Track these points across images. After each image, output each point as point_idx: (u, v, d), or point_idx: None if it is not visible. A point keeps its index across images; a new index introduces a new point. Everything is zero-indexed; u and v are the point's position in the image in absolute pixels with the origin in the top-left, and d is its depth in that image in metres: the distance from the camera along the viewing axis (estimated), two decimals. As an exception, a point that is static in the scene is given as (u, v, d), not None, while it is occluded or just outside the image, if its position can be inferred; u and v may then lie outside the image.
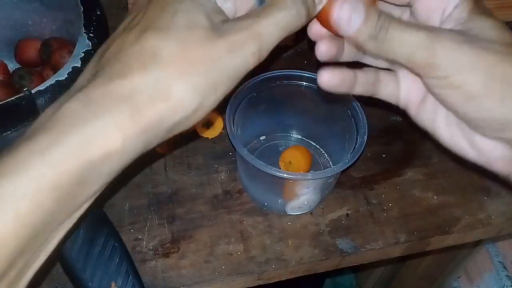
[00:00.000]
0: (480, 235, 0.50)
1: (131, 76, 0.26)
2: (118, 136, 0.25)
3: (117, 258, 0.39)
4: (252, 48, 0.28)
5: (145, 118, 0.26)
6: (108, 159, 0.25)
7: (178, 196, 0.48)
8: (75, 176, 0.25)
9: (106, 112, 0.25)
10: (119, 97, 0.26)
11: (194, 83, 0.27)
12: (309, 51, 0.62)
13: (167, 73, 0.27)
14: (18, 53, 0.55)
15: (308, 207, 0.47)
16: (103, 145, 0.25)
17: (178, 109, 0.27)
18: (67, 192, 0.25)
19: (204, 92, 0.28)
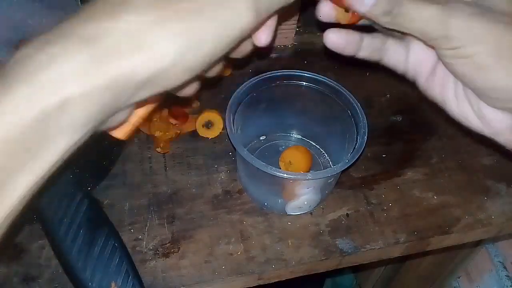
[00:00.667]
0: (480, 235, 0.50)
1: (99, 19, 0.23)
2: (77, 84, 0.23)
3: (117, 258, 0.39)
4: (247, 2, 0.26)
5: (111, 65, 0.23)
6: (66, 109, 0.23)
7: (178, 196, 0.48)
8: (28, 128, 0.22)
9: (64, 55, 0.23)
10: (81, 40, 0.23)
11: (174, 30, 0.24)
12: (309, 50, 0.63)
13: (142, 18, 0.24)
14: (18, 53, 0.55)
15: (308, 207, 0.47)
16: (59, 93, 0.22)
17: (152, 60, 0.24)
18: (21, 145, 0.22)
19: (185, 42, 0.24)
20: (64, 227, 0.39)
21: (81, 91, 0.23)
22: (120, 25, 0.23)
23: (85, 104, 0.23)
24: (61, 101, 0.22)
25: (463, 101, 0.34)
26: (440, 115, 0.57)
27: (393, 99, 0.59)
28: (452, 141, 0.55)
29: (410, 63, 0.36)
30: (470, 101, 0.34)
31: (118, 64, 0.23)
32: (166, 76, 0.25)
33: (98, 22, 0.23)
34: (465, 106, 0.34)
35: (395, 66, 0.37)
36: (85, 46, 0.23)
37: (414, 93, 0.59)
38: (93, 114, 0.24)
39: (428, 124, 0.57)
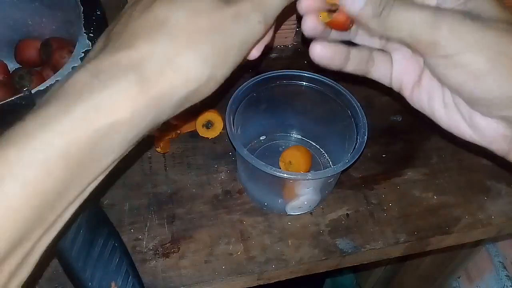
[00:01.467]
0: (480, 235, 0.50)
1: (139, 46, 0.26)
2: (126, 105, 0.25)
3: (117, 258, 0.39)
4: (258, 17, 0.29)
5: (155, 88, 0.26)
6: (117, 128, 0.25)
7: (178, 196, 0.48)
8: (84, 145, 0.24)
9: (114, 81, 0.25)
10: (127, 66, 0.26)
11: (204, 52, 0.27)
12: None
13: (175, 42, 0.26)
14: (18, 53, 0.55)
15: (308, 207, 0.47)
16: (111, 114, 0.25)
17: (189, 80, 0.27)
18: (78, 161, 0.25)
19: (215, 61, 0.27)
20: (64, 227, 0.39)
21: (130, 112, 0.25)
22: (158, 49, 0.26)
23: (133, 123, 0.26)
24: (112, 122, 0.25)
25: (453, 111, 0.33)
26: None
27: (393, 99, 0.59)
28: (452, 141, 0.55)
29: (395, 75, 0.36)
30: (460, 111, 0.33)
31: (159, 86, 0.26)
32: (201, 92, 0.28)
33: (139, 48, 0.26)
34: (455, 115, 0.34)
35: (380, 79, 0.37)
36: (131, 71, 0.25)
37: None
38: (139, 131, 0.27)
39: (428, 124, 0.56)
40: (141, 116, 0.26)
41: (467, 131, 0.34)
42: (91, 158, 0.25)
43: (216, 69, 0.28)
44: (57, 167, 0.24)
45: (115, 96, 0.25)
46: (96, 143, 0.25)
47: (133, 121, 0.26)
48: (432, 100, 0.34)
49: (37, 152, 0.24)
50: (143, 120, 0.26)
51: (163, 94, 0.26)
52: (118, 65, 0.26)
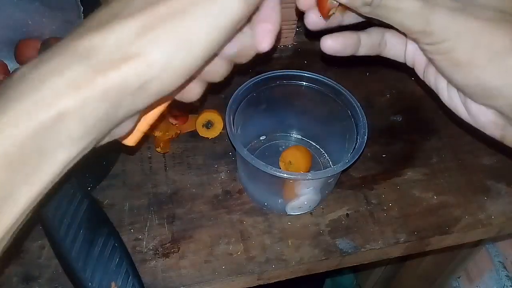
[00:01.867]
0: (480, 235, 0.50)
1: (89, 35, 0.24)
2: (71, 97, 0.23)
3: (117, 258, 0.39)
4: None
5: (104, 78, 0.24)
6: (62, 122, 0.23)
7: (178, 196, 0.48)
8: (27, 143, 0.23)
9: (57, 72, 0.23)
10: (73, 56, 0.24)
11: (158, 38, 0.24)
12: (309, 50, 0.62)
13: (128, 29, 0.24)
14: (18, 53, 0.55)
15: (308, 207, 0.47)
16: (54, 108, 0.23)
17: (141, 69, 0.24)
18: (20, 160, 0.23)
19: (172, 47, 0.24)
20: (64, 227, 0.39)
21: (75, 104, 0.23)
22: (108, 38, 0.24)
23: (80, 116, 0.24)
24: (56, 114, 0.23)
25: (453, 92, 0.35)
26: (440, 115, 0.57)
27: (393, 99, 0.59)
28: (452, 141, 0.55)
29: (408, 54, 0.36)
30: (459, 94, 0.34)
31: (109, 75, 0.24)
32: (159, 82, 0.25)
33: (89, 38, 0.24)
34: (454, 97, 0.35)
35: (395, 58, 0.37)
36: (77, 61, 0.24)
37: (414, 93, 0.59)
38: (90, 126, 0.24)
39: (428, 124, 0.57)
40: (91, 108, 0.24)
41: (464, 113, 0.35)
42: (37, 156, 0.24)
43: (174, 56, 0.25)
44: (1, 169, 0.23)
45: (58, 87, 0.23)
46: (40, 139, 0.23)
47: (79, 113, 0.24)
48: (438, 80, 0.35)
49: None
50: (95, 112, 0.24)
51: (113, 85, 0.24)
52: (62, 55, 0.24)
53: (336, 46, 0.34)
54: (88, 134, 0.25)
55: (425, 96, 0.59)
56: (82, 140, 0.25)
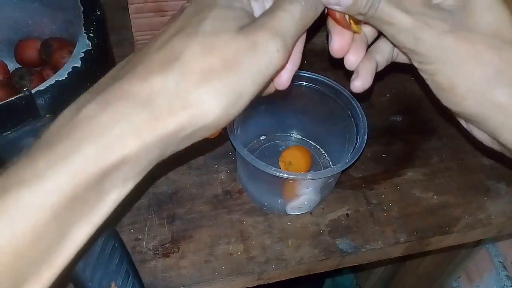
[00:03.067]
0: (480, 235, 0.50)
1: (151, 79, 0.25)
2: (135, 143, 0.25)
3: (117, 258, 0.39)
4: (276, 45, 0.27)
5: (163, 125, 0.25)
6: (123, 166, 0.25)
7: (178, 196, 0.48)
8: (91, 185, 0.24)
9: (124, 117, 0.25)
10: (137, 101, 0.25)
11: (216, 89, 0.26)
12: (309, 50, 0.62)
13: (187, 78, 0.25)
14: (18, 53, 0.55)
15: (308, 207, 0.47)
16: (119, 152, 0.24)
17: (199, 117, 0.26)
18: (83, 200, 0.24)
19: (227, 98, 0.26)
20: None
21: (136, 150, 0.25)
22: (169, 85, 0.25)
23: (138, 160, 0.25)
24: (120, 160, 0.24)
25: None
26: (440, 115, 0.57)
27: (393, 99, 0.59)
28: (452, 141, 0.55)
29: None
30: None
31: (168, 123, 0.25)
32: (209, 129, 0.27)
33: (151, 83, 0.25)
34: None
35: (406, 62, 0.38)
36: (141, 107, 0.25)
37: (414, 93, 0.59)
38: (143, 168, 0.26)
39: (428, 124, 0.57)
40: (148, 153, 0.25)
41: (464, 124, 0.36)
42: (96, 197, 0.25)
43: (229, 106, 0.26)
44: (63, 209, 0.24)
45: (124, 133, 0.24)
46: (102, 181, 0.24)
47: (138, 158, 0.25)
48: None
49: (48, 194, 0.23)
50: (148, 157, 0.26)
51: (171, 132, 0.25)
52: (127, 99, 0.25)
53: (366, 83, 0.35)
54: (139, 174, 0.27)
55: (425, 96, 0.59)
56: (134, 180, 0.27)
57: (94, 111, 0.25)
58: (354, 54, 0.35)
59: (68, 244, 0.25)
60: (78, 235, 0.25)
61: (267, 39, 0.27)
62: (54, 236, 0.24)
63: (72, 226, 0.25)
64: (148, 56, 0.27)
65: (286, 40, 0.28)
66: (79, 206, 0.24)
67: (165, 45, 0.27)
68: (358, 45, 0.35)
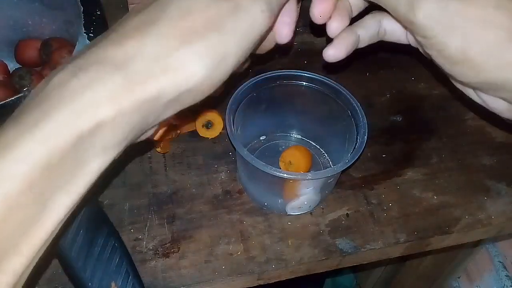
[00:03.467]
0: (480, 235, 0.50)
1: (125, 43, 0.25)
2: (110, 108, 0.24)
3: (117, 258, 0.39)
4: (260, 5, 0.26)
5: (141, 88, 0.24)
6: (100, 132, 0.24)
7: (178, 196, 0.48)
8: (66, 152, 0.23)
9: (97, 81, 0.24)
10: (111, 65, 0.24)
11: (197, 50, 0.25)
12: (309, 50, 0.62)
13: (166, 41, 0.25)
14: (18, 53, 0.55)
15: (308, 207, 0.47)
16: (93, 118, 0.23)
17: (179, 82, 0.25)
18: (60, 169, 0.23)
19: (210, 60, 0.25)
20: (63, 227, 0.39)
21: (113, 115, 0.24)
22: (147, 49, 0.24)
23: (117, 126, 0.24)
24: (95, 125, 0.23)
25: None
26: (440, 115, 0.57)
27: (393, 99, 0.59)
28: (452, 141, 0.55)
29: (410, 36, 0.35)
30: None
31: (146, 87, 0.24)
32: (193, 94, 0.26)
33: (127, 47, 0.24)
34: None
35: (397, 41, 0.36)
36: (116, 71, 0.24)
37: (414, 93, 0.59)
38: (123, 135, 0.25)
39: (428, 124, 0.57)
40: (126, 119, 0.24)
41: (477, 98, 0.33)
42: (74, 165, 0.24)
43: (212, 69, 0.25)
44: (39, 178, 0.23)
45: (97, 98, 0.23)
46: (78, 148, 0.23)
47: (117, 123, 0.24)
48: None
49: (18, 163, 0.22)
50: (129, 122, 0.25)
51: (150, 96, 0.24)
52: (101, 63, 0.24)
53: (339, 54, 0.33)
54: (120, 143, 0.25)
55: (425, 96, 0.59)
56: (115, 149, 0.25)
57: (65, 77, 0.24)
58: (336, 20, 0.33)
59: (48, 215, 0.24)
60: (59, 206, 0.24)
61: (249, 1, 0.26)
62: (31, 206, 0.23)
63: (51, 196, 0.24)
64: (123, 23, 0.26)
65: (271, 1, 0.27)
66: (57, 175, 0.23)
67: (140, 12, 0.26)
68: (341, 12, 0.33)
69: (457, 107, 0.58)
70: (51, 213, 0.24)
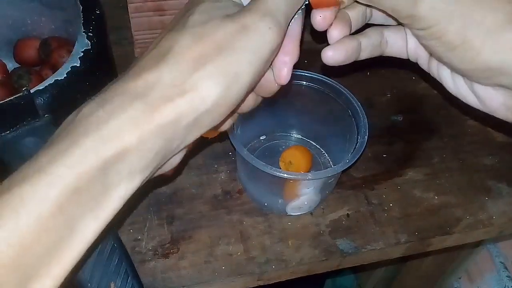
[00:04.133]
0: (481, 236, 0.50)
1: (144, 74, 0.26)
2: (133, 133, 0.25)
3: (116, 258, 0.39)
4: (267, 23, 0.27)
5: (161, 114, 0.26)
6: (125, 157, 0.25)
7: (177, 196, 0.47)
8: (93, 177, 0.24)
9: (120, 110, 0.25)
10: (133, 95, 0.26)
11: (210, 72, 0.26)
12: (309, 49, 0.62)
13: (180, 67, 0.26)
14: (17, 52, 0.55)
15: (308, 207, 0.46)
16: (118, 143, 0.25)
17: (196, 104, 0.26)
18: (88, 193, 0.24)
19: (223, 80, 0.26)
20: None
21: (136, 140, 0.25)
22: (164, 76, 0.26)
23: (141, 151, 0.26)
24: (120, 151, 0.25)
25: (458, 80, 0.34)
26: (441, 115, 0.57)
27: (394, 98, 0.59)
28: (453, 141, 0.55)
29: (410, 49, 0.36)
30: (464, 80, 0.33)
31: (165, 111, 0.26)
32: (211, 115, 0.27)
33: (146, 77, 0.26)
34: (460, 85, 0.34)
35: (397, 55, 0.37)
36: (137, 99, 0.26)
37: (415, 93, 0.59)
38: (148, 160, 0.26)
39: (429, 124, 0.56)
40: (150, 144, 0.26)
41: (473, 99, 0.34)
42: (101, 190, 0.25)
43: (226, 89, 0.27)
44: (68, 201, 0.24)
45: (121, 125, 0.25)
46: (105, 174, 0.25)
47: (141, 149, 0.25)
48: (440, 70, 0.35)
49: (50, 186, 0.23)
50: (153, 147, 0.26)
51: (169, 120, 0.26)
52: (123, 94, 0.26)
53: (339, 57, 0.34)
54: (146, 168, 0.26)
55: (426, 96, 0.59)
56: (141, 174, 0.26)
57: (91, 109, 0.26)
58: (337, 28, 0.33)
59: (76, 239, 0.25)
60: (86, 231, 0.25)
61: (256, 20, 0.27)
62: (61, 230, 0.24)
63: (80, 220, 0.25)
64: (142, 58, 0.28)
65: (277, 17, 0.28)
66: (85, 200, 0.24)
67: (154, 48, 0.28)
68: (342, 21, 0.33)
69: (458, 107, 0.58)
70: (79, 237, 0.25)
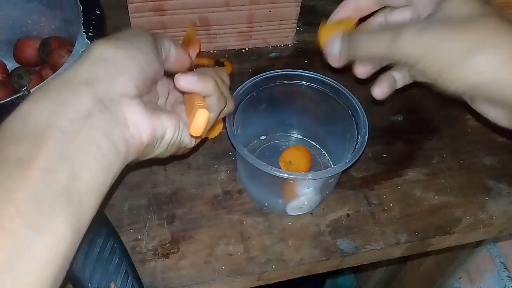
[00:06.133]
0: (481, 236, 0.50)
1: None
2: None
3: (117, 258, 0.39)
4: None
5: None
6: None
7: (178, 196, 0.47)
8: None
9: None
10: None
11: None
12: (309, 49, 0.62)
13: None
14: (17, 52, 0.55)
15: (309, 207, 0.46)
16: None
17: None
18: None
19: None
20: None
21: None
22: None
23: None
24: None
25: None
26: (441, 115, 0.57)
27: (394, 98, 0.58)
28: (453, 141, 0.55)
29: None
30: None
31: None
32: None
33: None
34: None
35: (425, 82, 0.40)
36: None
37: (415, 93, 0.59)
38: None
39: (429, 124, 0.56)
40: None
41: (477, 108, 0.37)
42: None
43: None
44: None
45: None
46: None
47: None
48: None
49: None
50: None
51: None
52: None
53: (385, 89, 0.40)
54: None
55: (426, 96, 0.59)
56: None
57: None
58: (361, 65, 0.41)
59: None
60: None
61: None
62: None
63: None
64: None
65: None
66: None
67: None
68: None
69: (458, 107, 0.58)
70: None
